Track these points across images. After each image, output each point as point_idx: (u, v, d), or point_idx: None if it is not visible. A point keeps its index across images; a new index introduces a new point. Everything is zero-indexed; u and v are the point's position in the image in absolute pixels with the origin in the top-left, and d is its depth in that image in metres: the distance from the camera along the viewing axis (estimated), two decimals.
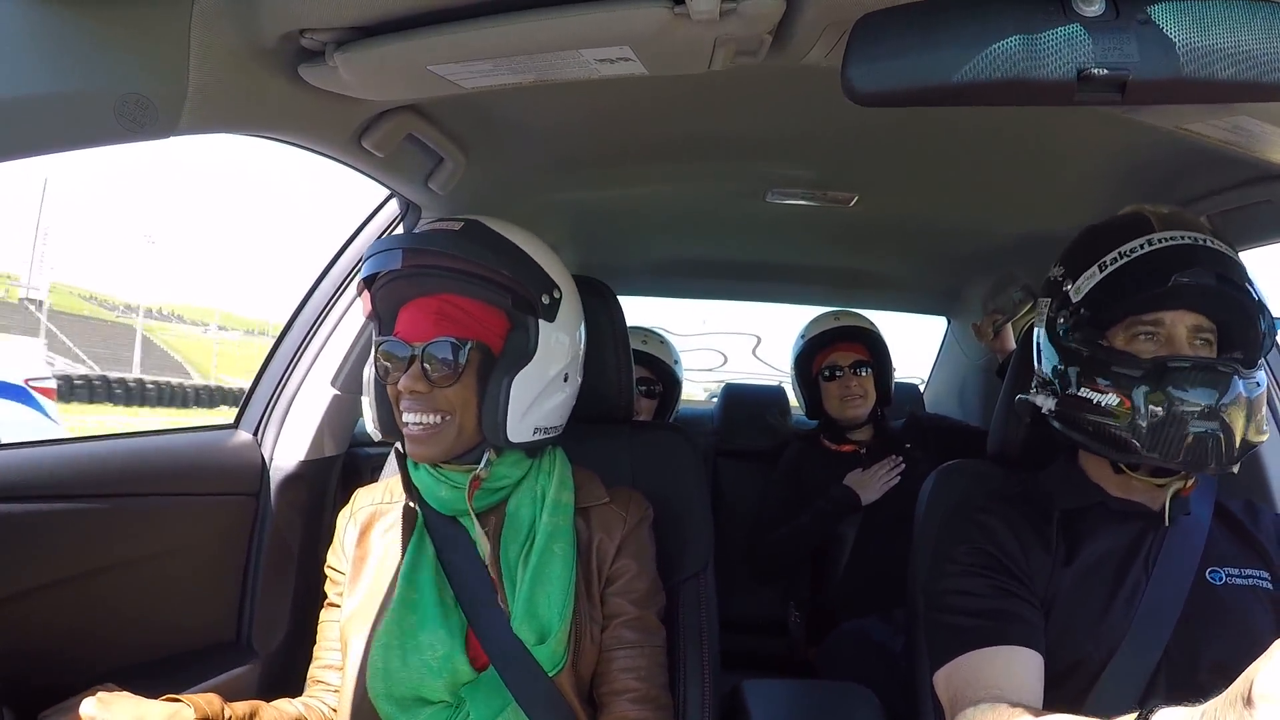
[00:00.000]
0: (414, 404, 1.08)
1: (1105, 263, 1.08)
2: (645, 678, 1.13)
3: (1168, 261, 1.04)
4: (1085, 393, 1.07)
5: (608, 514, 1.19)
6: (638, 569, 1.18)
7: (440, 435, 1.09)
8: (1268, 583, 1.09)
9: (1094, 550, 1.10)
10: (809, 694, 1.61)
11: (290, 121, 1.11)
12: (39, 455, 1.13)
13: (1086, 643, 1.05)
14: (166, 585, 1.33)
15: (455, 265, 1.09)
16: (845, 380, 2.35)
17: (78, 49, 0.79)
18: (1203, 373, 1.00)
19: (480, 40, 0.89)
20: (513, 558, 1.12)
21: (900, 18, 0.75)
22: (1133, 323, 1.07)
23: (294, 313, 1.67)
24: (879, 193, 1.84)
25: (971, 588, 1.08)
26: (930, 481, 1.40)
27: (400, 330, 1.11)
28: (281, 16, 0.89)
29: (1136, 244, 1.06)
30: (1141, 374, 1.02)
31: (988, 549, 1.11)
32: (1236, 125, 1.09)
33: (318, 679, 1.18)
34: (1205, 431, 0.98)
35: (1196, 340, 1.06)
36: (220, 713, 1.00)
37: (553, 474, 1.18)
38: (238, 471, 1.51)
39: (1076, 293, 1.11)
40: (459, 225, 1.14)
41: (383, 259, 1.10)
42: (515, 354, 1.12)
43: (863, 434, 2.39)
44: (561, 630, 1.08)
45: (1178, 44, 0.72)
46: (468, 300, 1.11)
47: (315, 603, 1.24)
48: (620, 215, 2.16)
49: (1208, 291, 1.04)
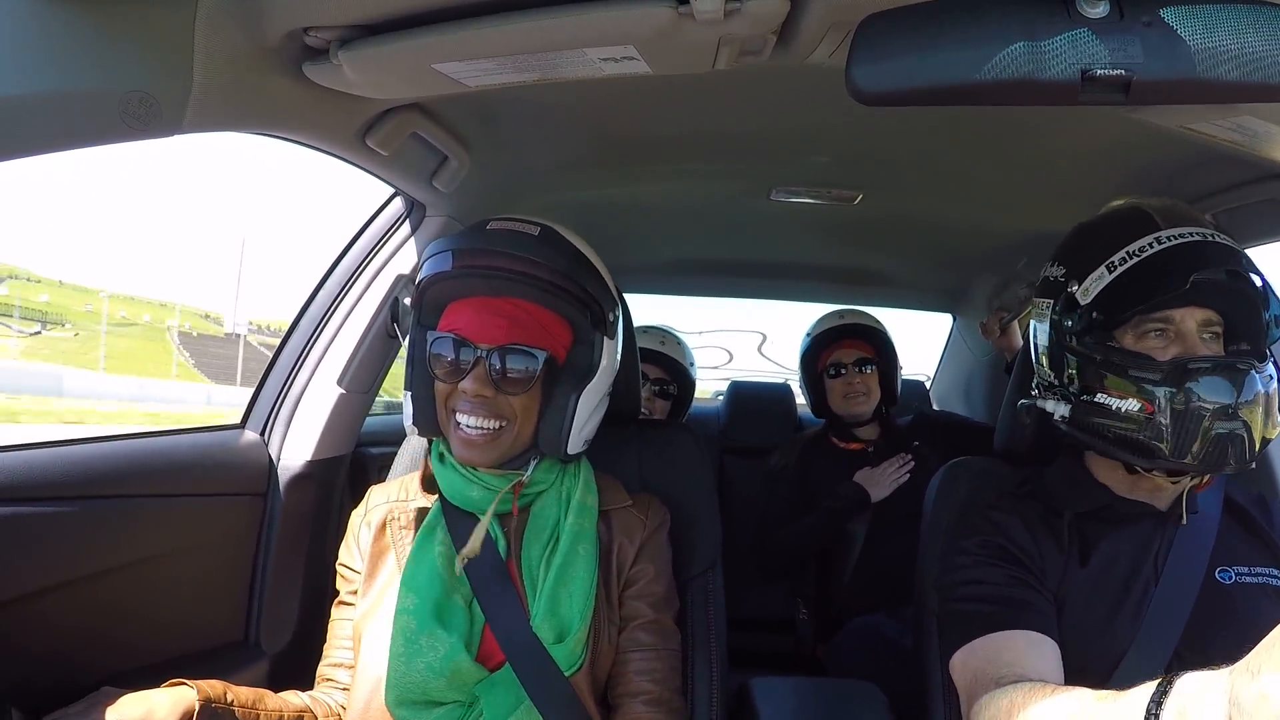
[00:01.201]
0: (476, 407, 1.07)
1: (1114, 263, 1.06)
2: (660, 680, 1.13)
3: (1183, 260, 1.02)
4: (1103, 398, 1.06)
5: (629, 517, 1.20)
6: (655, 572, 1.18)
7: (497, 441, 1.09)
8: (1278, 580, 1.08)
9: (1106, 553, 1.09)
10: (817, 692, 1.61)
11: (294, 119, 1.11)
12: (47, 456, 1.13)
13: (1096, 644, 1.05)
14: (174, 586, 1.33)
15: (535, 272, 1.07)
16: (849, 378, 2.36)
17: (83, 47, 0.79)
18: (1222, 372, 0.99)
19: (484, 39, 0.90)
20: (535, 558, 1.12)
21: (904, 18, 0.76)
22: (1142, 321, 1.06)
23: (300, 311, 1.67)
24: (883, 191, 1.84)
25: (986, 577, 1.08)
26: (938, 478, 1.40)
27: (464, 329, 1.08)
28: (286, 15, 0.89)
29: (1145, 243, 1.05)
30: (1160, 376, 1.01)
31: (1000, 542, 1.11)
32: (1240, 125, 1.09)
33: (327, 677, 1.18)
34: (1227, 431, 0.98)
35: (1205, 334, 1.05)
36: (223, 695, 1.00)
37: (579, 478, 1.18)
38: (245, 471, 1.51)
39: (1084, 294, 1.09)
40: (536, 229, 1.12)
41: (447, 258, 1.08)
42: (580, 368, 1.12)
43: (870, 432, 2.40)
44: (581, 630, 1.08)
45: (1181, 45, 0.72)
46: (538, 307, 1.10)
47: (324, 602, 1.24)
48: (624, 213, 2.16)
49: (1220, 287, 1.04)
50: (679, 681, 1.17)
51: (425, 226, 1.64)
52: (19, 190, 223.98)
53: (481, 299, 1.10)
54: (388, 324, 1.63)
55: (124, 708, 0.92)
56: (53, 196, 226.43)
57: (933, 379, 3.52)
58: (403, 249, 1.65)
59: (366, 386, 1.69)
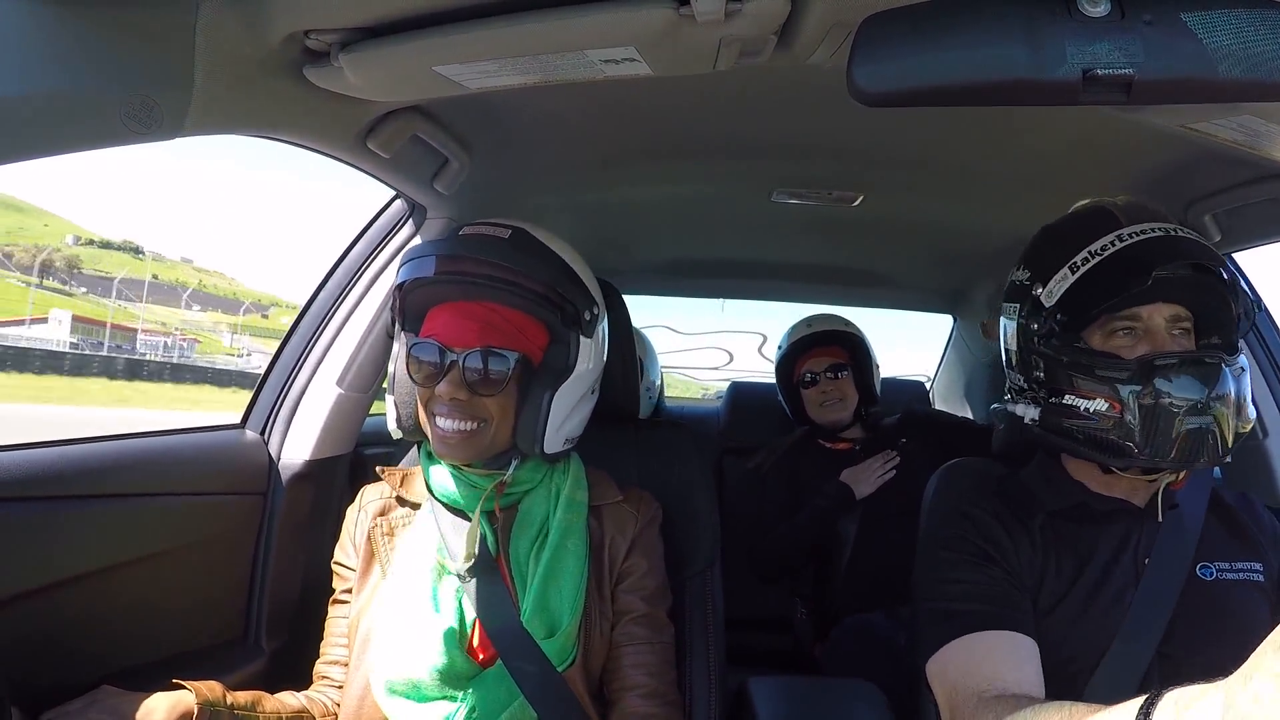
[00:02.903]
0: (451, 410, 1.08)
1: (1076, 264, 1.06)
2: (655, 673, 1.14)
3: (1144, 257, 1.02)
4: (1071, 399, 1.06)
5: (620, 512, 1.21)
6: (648, 567, 1.19)
7: (473, 440, 1.10)
8: (1260, 574, 1.08)
9: (1081, 551, 1.09)
10: (815, 691, 1.61)
11: (295, 122, 1.12)
12: (47, 456, 1.13)
13: (1076, 643, 1.04)
14: (175, 584, 1.34)
15: (506, 276, 1.09)
16: (822, 386, 2.36)
17: (84, 51, 0.79)
18: (1191, 367, 0.99)
19: (485, 41, 0.90)
20: (523, 554, 1.13)
21: (905, 18, 0.76)
22: (1109, 320, 1.05)
23: (300, 312, 1.67)
24: (884, 192, 1.84)
25: (964, 576, 1.07)
26: (935, 480, 1.40)
27: (438, 334, 1.10)
28: (286, 18, 0.89)
29: (1107, 241, 1.05)
30: (1128, 375, 1.01)
31: (977, 541, 1.10)
32: (1242, 124, 1.09)
33: (323, 674, 1.20)
34: (1198, 427, 0.98)
35: (1175, 330, 1.05)
36: (222, 698, 1.02)
37: (568, 474, 1.20)
38: (245, 471, 1.51)
39: (1049, 296, 1.08)
40: (508, 233, 1.14)
41: (423, 264, 1.10)
42: (555, 368, 1.13)
43: (855, 432, 2.39)
44: (571, 625, 1.09)
45: (1183, 44, 0.72)
46: (511, 310, 1.11)
47: (323, 601, 1.25)
48: (625, 214, 2.16)
49: (1186, 282, 1.03)
50: (673, 674, 1.18)
51: (426, 228, 1.64)
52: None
53: (457, 304, 1.11)
54: (388, 325, 1.64)
55: (122, 708, 0.93)
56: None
57: (933, 380, 3.52)
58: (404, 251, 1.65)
59: (366, 387, 1.69)
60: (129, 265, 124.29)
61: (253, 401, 1.63)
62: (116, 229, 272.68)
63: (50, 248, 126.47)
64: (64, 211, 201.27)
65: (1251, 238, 1.52)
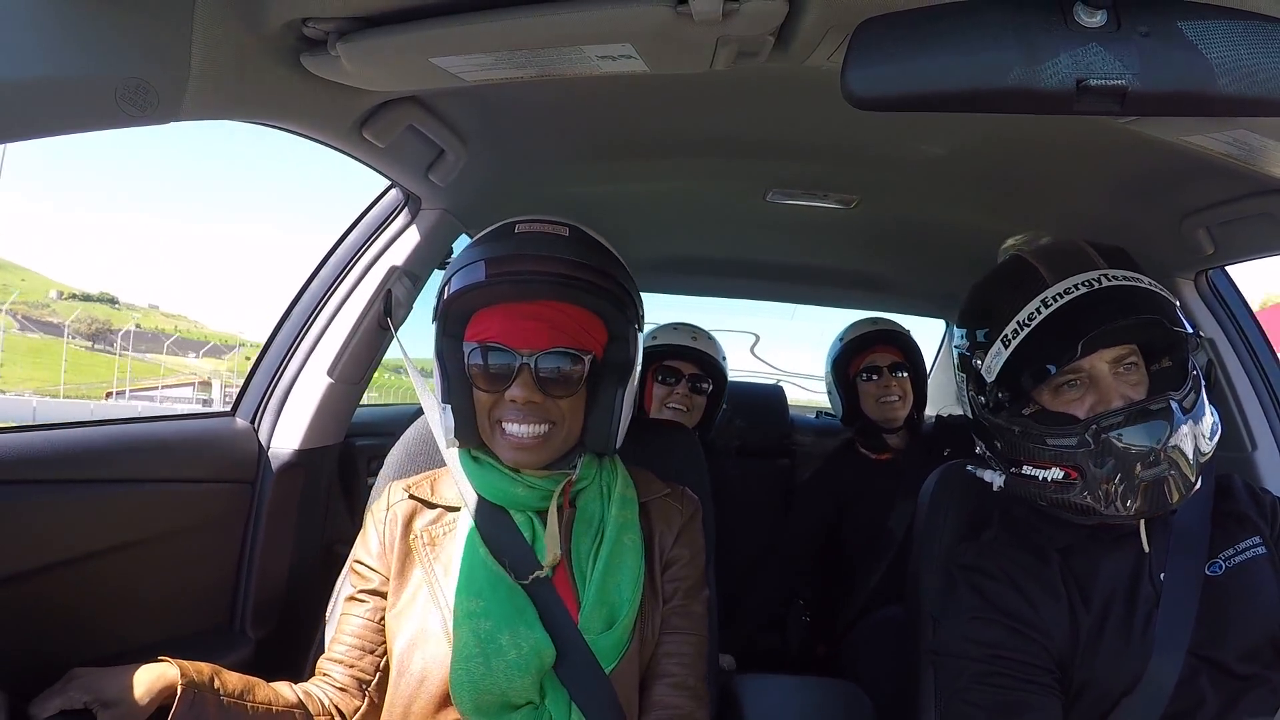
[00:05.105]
0: (525, 414, 1.07)
1: (1008, 337, 1.06)
2: (686, 665, 1.13)
3: (1070, 324, 1.02)
4: (1029, 470, 1.07)
5: (666, 506, 1.21)
6: (690, 557, 1.19)
7: (547, 444, 1.09)
8: (1260, 546, 1.09)
9: (1103, 587, 1.08)
10: (801, 691, 1.62)
11: (291, 109, 1.11)
12: (33, 440, 1.12)
13: (1115, 672, 1.04)
14: (161, 571, 1.33)
15: (573, 274, 1.07)
16: (884, 381, 2.34)
17: (81, 33, 0.79)
18: (1139, 418, 0.99)
19: (483, 34, 0.89)
20: (584, 552, 1.12)
21: (901, 23, 0.75)
22: (1054, 378, 1.05)
23: (291, 301, 1.67)
24: (880, 195, 1.84)
25: (986, 677, 1.06)
26: (930, 485, 1.39)
27: (499, 337, 1.07)
28: (284, 5, 0.89)
29: (1032, 309, 1.05)
30: (1077, 440, 1.01)
31: (997, 621, 1.08)
32: (1237, 139, 1.09)
33: (324, 670, 1.14)
34: (1157, 475, 0.98)
35: (1121, 368, 1.05)
36: (209, 681, 0.97)
37: (616, 471, 1.19)
38: (234, 459, 1.51)
39: (989, 372, 1.09)
40: (566, 230, 1.12)
41: (474, 270, 1.06)
42: (619, 364, 1.13)
43: (898, 440, 2.38)
44: (629, 616, 1.08)
45: (1179, 57, 0.71)
46: (574, 308, 1.10)
47: (311, 589, 1.24)
48: (619, 211, 2.16)
49: (1117, 331, 1.03)
50: (704, 667, 1.17)
51: (421, 219, 1.64)
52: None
53: (510, 305, 1.09)
54: (380, 316, 1.63)
55: (100, 686, 0.91)
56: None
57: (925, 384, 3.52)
58: (397, 241, 1.65)
59: (357, 378, 1.69)
60: (113, 316, 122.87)
61: (243, 390, 1.62)
62: (91, 280, 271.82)
63: (40, 303, 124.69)
64: (35, 266, 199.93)
65: (1245, 251, 1.53)
